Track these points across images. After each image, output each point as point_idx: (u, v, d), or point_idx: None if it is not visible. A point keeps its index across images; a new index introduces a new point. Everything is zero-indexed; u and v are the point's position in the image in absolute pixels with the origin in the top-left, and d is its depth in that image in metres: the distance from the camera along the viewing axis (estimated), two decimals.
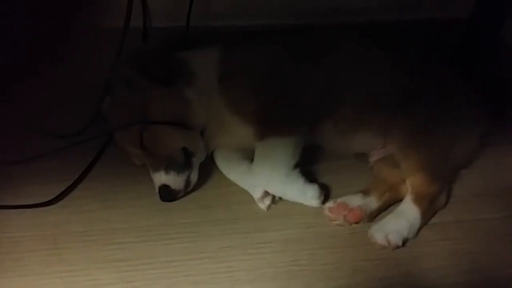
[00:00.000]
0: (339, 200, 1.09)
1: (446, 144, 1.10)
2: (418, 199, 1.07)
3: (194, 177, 1.10)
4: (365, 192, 1.11)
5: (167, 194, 1.07)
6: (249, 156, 1.13)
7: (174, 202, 1.10)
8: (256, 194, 1.11)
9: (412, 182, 1.08)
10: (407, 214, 1.06)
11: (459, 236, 1.07)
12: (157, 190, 1.07)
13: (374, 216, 1.10)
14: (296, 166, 1.08)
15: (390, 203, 1.12)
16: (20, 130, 1.24)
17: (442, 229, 1.08)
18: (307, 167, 1.15)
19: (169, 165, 1.06)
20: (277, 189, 1.09)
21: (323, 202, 1.10)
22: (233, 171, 1.16)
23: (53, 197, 1.11)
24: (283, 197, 1.11)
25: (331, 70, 1.11)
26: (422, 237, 1.07)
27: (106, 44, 1.29)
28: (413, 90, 1.11)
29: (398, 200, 1.11)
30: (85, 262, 1.01)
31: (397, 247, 1.03)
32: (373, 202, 1.10)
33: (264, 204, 1.11)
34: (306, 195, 1.08)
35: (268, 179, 1.08)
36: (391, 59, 1.14)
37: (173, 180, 1.07)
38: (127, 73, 1.09)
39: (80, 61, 1.30)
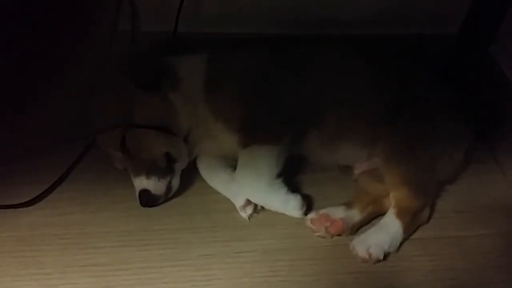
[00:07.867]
0: (322, 211, 1.08)
1: (430, 159, 1.10)
2: (401, 213, 1.06)
3: (175, 183, 1.09)
4: (348, 205, 1.10)
5: (147, 199, 1.05)
6: (232, 164, 1.13)
7: (154, 208, 1.08)
8: (238, 202, 1.10)
9: (395, 196, 1.08)
10: (390, 228, 1.06)
11: (441, 252, 1.07)
12: (137, 194, 1.06)
13: (356, 228, 1.09)
14: (279, 175, 1.07)
15: (373, 216, 1.11)
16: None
17: (424, 245, 1.08)
18: (291, 178, 1.15)
19: (150, 170, 1.05)
20: (259, 198, 1.09)
21: (306, 213, 1.09)
22: (215, 178, 1.15)
23: (31, 198, 1.10)
24: (265, 206, 1.10)
25: (316, 81, 1.11)
26: (404, 251, 1.06)
27: (94, 47, 1.28)
28: (397, 105, 1.11)
29: (381, 213, 1.10)
30: (61, 265, 1.00)
31: (378, 260, 1.03)
32: (355, 215, 1.09)
33: (245, 213, 1.10)
34: (288, 205, 1.08)
35: (251, 187, 1.07)
36: (377, 73, 1.14)
37: (154, 185, 1.05)
38: (113, 76, 1.08)
39: (67, 62, 1.29)
